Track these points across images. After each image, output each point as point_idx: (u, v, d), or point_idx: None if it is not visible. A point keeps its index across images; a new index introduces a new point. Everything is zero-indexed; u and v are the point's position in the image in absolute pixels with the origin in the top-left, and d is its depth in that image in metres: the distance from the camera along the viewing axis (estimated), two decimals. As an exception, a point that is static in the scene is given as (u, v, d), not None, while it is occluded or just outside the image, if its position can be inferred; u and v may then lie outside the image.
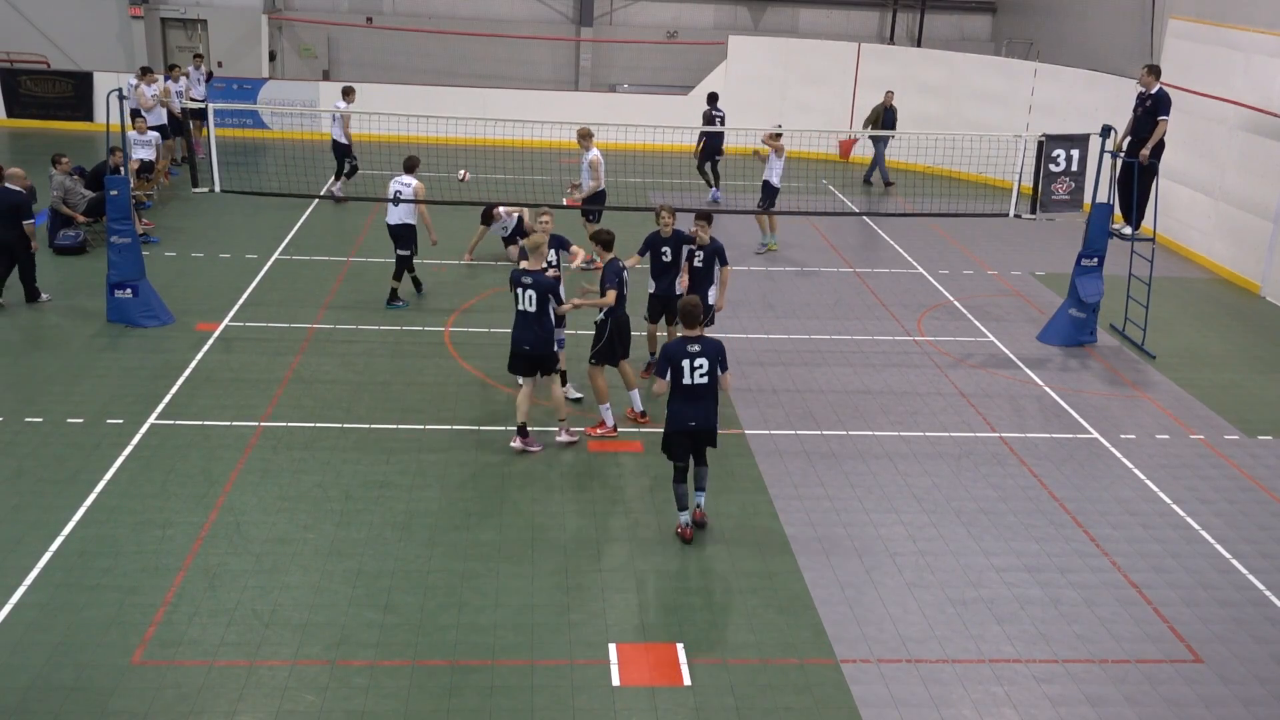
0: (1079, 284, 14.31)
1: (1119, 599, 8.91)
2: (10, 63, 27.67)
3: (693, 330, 9.10)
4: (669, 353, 9.06)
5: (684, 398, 9.08)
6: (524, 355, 10.61)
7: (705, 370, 9.04)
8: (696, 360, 9.01)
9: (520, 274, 10.50)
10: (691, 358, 9.00)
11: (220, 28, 29.86)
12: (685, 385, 9.05)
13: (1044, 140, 14.37)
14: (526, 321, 10.53)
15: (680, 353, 9.01)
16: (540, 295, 10.44)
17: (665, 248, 12.19)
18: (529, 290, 10.44)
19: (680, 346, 9.05)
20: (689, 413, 9.10)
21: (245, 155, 22.99)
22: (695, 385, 9.06)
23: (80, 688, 7.35)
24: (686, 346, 9.03)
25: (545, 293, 10.46)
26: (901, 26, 33.36)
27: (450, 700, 7.42)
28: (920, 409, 12.38)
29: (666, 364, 9.04)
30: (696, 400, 9.10)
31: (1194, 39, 18.97)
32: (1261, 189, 17.22)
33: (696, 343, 9.04)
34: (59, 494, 9.75)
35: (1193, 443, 11.87)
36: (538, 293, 10.43)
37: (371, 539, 9.29)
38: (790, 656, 8.01)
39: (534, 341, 10.54)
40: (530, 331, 10.51)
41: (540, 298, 10.44)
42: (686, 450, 9.29)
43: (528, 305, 10.47)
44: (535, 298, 10.43)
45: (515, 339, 10.64)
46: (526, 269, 10.53)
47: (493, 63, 31.57)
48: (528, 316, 10.51)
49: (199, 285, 15.48)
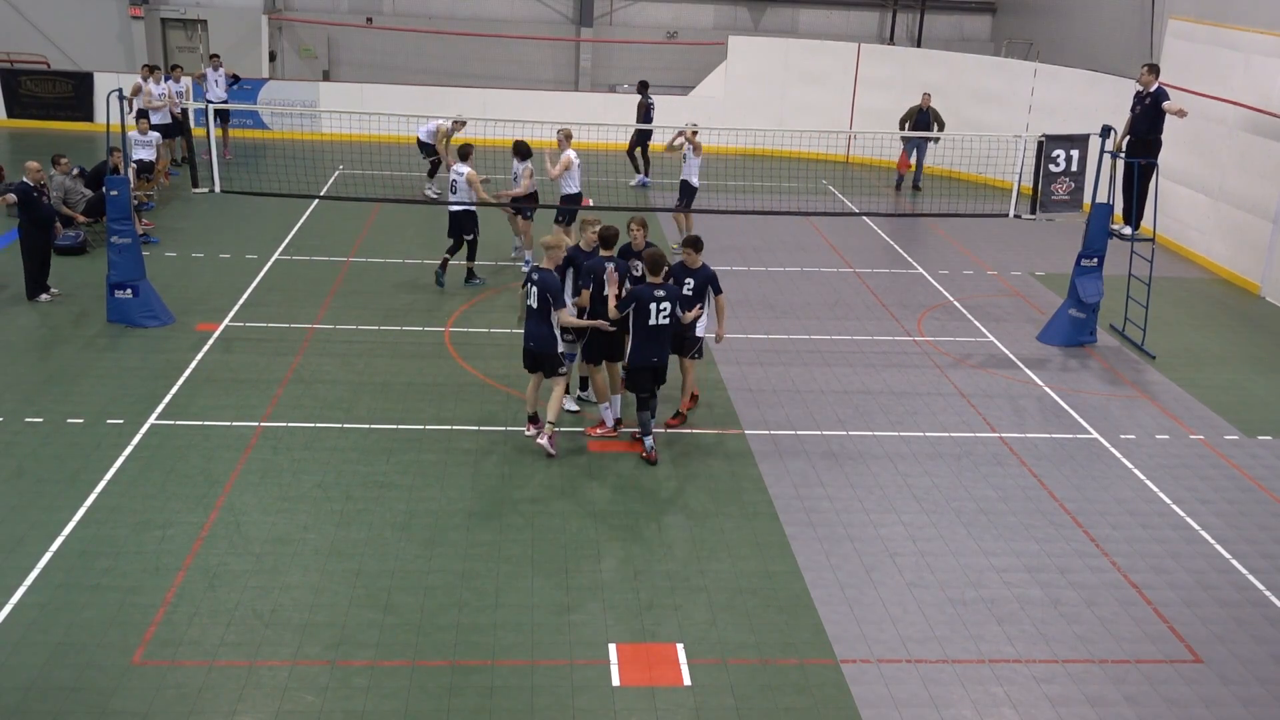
0: (1079, 284, 14.31)
1: (1119, 599, 8.91)
2: (10, 63, 27.67)
3: (657, 278, 10.37)
4: (637, 293, 10.34)
5: (647, 336, 10.41)
6: (529, 350, 10.82)
7: (668, 312, 10.42)
8: (661, 304, 10.35)
9: (532, 269, 10.84)
10: (657, 301, 10.34)
11: (220, 28, 29.86)
12: (650, 326, 10.37)
13: (1044, 140, 14.37)
14: (530, 316, 10.75)
15: (648, 295, 10.30)
16: (541, 293, 10.52)
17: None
18: (534, 287, 10.60)
19: (649, 290, 10.32)
20: (651, 349, 10.51)
21: (245, 155, 23.01)
22: (659, 325, 10.42)
23: (80, 688, 7.35)
24: (653, 290, 10.33)
25: (546, 292, 10.51)
26: (901, 26, 33.36)
27: (450, 700, 7.42)
28: (920, 409, 12.39)
29: (633, 302, 10.34)
30: (658, 339, 10.50)
31: (1193, 39, 18.97)
32: (1261, 189, 17.22)
33: (661, 288, 10.39)
34: (59, 494, 9.75)
35: (1192, 443, 11.88)
36: (539, 290, 10.53)
37: (371, 539, 9.29)
38: (790, 656, 8.02)
39: (537, 338, 10.69)
40: (533, 325, 10.69)
41: (540, 295, 10.52)
42: (649, 382, 10.67)
43: (532, 301, 10.66)
44: (537, 294, 10.56)
45: (524, 333, 10.86)
46: (538, 266, 10.81)
47: (493, 63, 31.58)
48: (531, 312, 10.71)
49: (199, 285, 15.48)
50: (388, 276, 16.25)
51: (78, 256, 16.42)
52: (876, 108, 26.10)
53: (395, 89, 26.71)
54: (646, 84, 24.06)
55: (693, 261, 11.18)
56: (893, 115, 25.53)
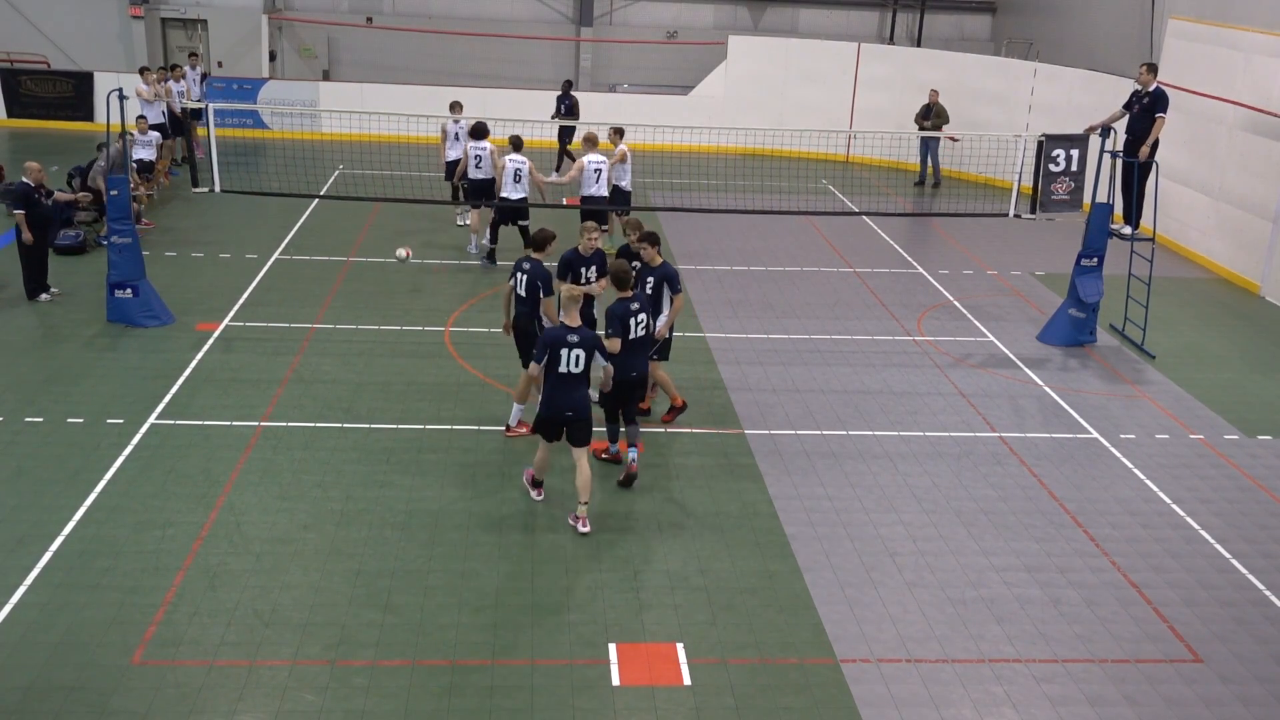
0: (1079, 284, 14.31)
1: (1119, 599, 8.91)
2: (10, 63, 27.67)
3: (627, 292, 10.13)
4: (617, 313, 10.05)
5: (627, 350, 10.10)
6: (566, 420, 9.50)
7: (644, 323, 10.25)
8: (637, 316, 10.15)
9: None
10: (634, 315, 10.13)
11: (220, 28, 29.86)
12: (629, 340, 10.11)
13: (1044, 140, 14.37)
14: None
15: (626, 313, 10.07)
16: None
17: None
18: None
19: (624, 307, 10.07)
20: (632, 364, 10.19)
21: (245, 155, 23.01)
22: (637, 339, 10.20)
23: (80, 688, 7.35)
24: (628, 305, 10.08)
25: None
26: (901, 26, 33.35)
27: (450, 700, 7.42)
28: (920, 409, 12.39)
29: (619, 323, 10.03)
30: (637, 351, 10.26)
31: (1194, 39, 18.97)
32: (1261, 189, 17.22)
33: (634, 301, 10.16)
34: (59, 494, 9.75)
35: (1192, 442, 11.88)
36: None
37: (371, 539, 9.29)
38: (790, 656, 8.02)
39: (577, 405, 9.49)
40: (575, 393, 9.48)
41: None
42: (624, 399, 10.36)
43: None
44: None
45: (554, 404, 9.50)
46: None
47: (493, 63, 31.57)
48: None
49: (199, 285, 15.48)
50: (388, 276, 16.25)
51: (78, 256, 16.43)
52: (876, 108, 26.12)
53: (395, 89, 26.70)
54: (570, 83, 24.50)
55: (652, 258, 11.13)
56: (893, 115, 25.60)
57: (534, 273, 10.81)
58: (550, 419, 9.49)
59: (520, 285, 10.87)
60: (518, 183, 16.13)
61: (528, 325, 10.99)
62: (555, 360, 9.31)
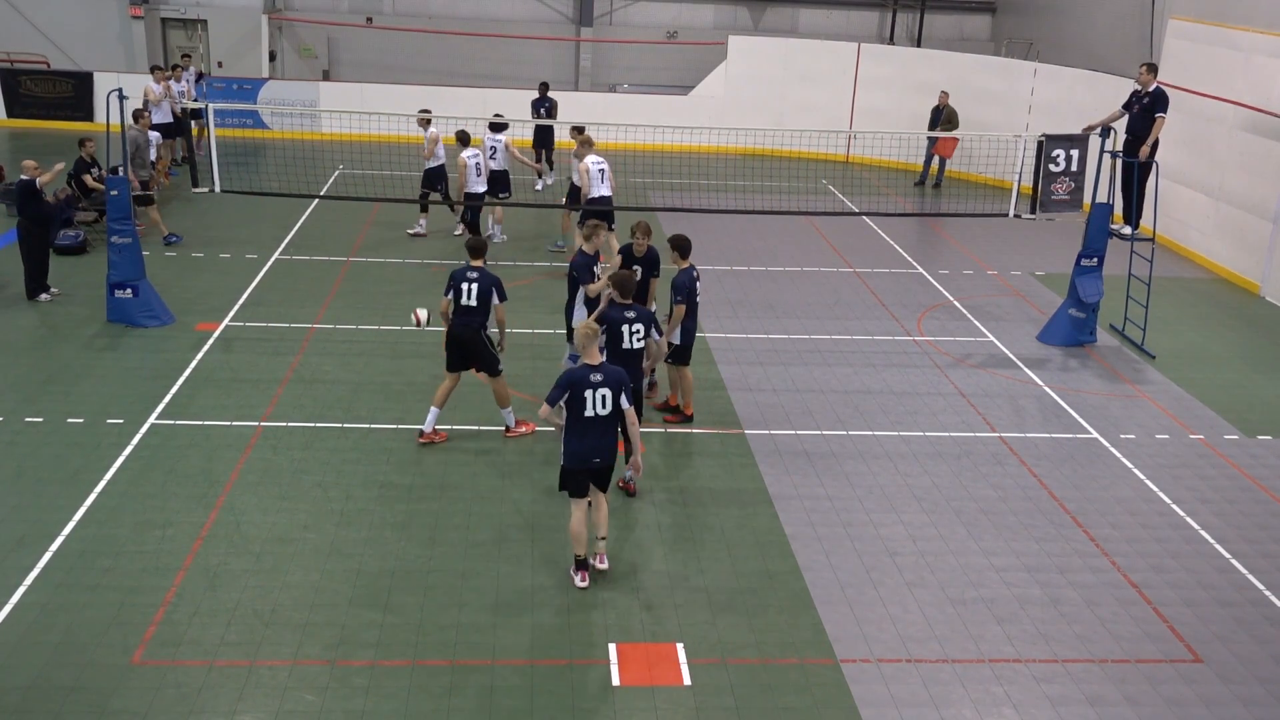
0: (1079, 284, 14.31)
1: (1119, 599, 8.91)
2: (10, 63, 27.66)
3: (627, 299, 9.97)
4: (608, 317, 9.96)
5: (620, 361, 9.75)
6: (594, 469, 8.68)
7: (641, 335, 10.10)
8: (634, 325, 10.03)
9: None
10: (629, 323, 10.00)
11: (220, 28, 29.86)
12: (623, 350, 10.00)
13: (1044, 140, 14.37)
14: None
15: (621, 319, 9.97)
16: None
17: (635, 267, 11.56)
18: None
19: (619, 313, 9.97)
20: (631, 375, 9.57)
21: (245, 155, 23.00)
22: (631, 350, 10.07)
23: (80, 688, 7.35)
24: (624, 313, 9.99)
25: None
26: (901, 26, 33.36)
27: (450, 700, 7.42)
28: (920, 409, 12.39)
29: (604, 325, 9.85)
30: (630, 363, 9.97)
31: (1194, 39, 18.97)
32: (1261, 189, 17.22)
33: (632, 309, 10.04)
34: (59, 494, 9.75)
35: (1192, 442, 11.88)
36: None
37: (371, 539, 9.29)
38: (790, 656, 8.02)
39: (605, 451, 8.68)
40: (605, 437, 8.63)
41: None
42: None
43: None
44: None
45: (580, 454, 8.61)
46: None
47: (493, 63, 31.57)
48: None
49: (199, 285, 15.48)
50: (388, 276, 16.25)
51: (78, 256, 16.42)
52: (876, 108, 26.11)
53: (395, 89, 26.67)
54: (547, 85, 23.90)
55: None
56: (892, 115, 25.60)
57: (484, 280, 10.62)
58: (577, 471, 8.56)
59: (468, 295, 10.60)
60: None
61: (475, 336, 10.71)
62: (578, 404, 8.38)
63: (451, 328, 10.79)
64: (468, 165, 16.83)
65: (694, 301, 11.34)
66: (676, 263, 11.31)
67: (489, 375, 11.01)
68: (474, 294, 10.62)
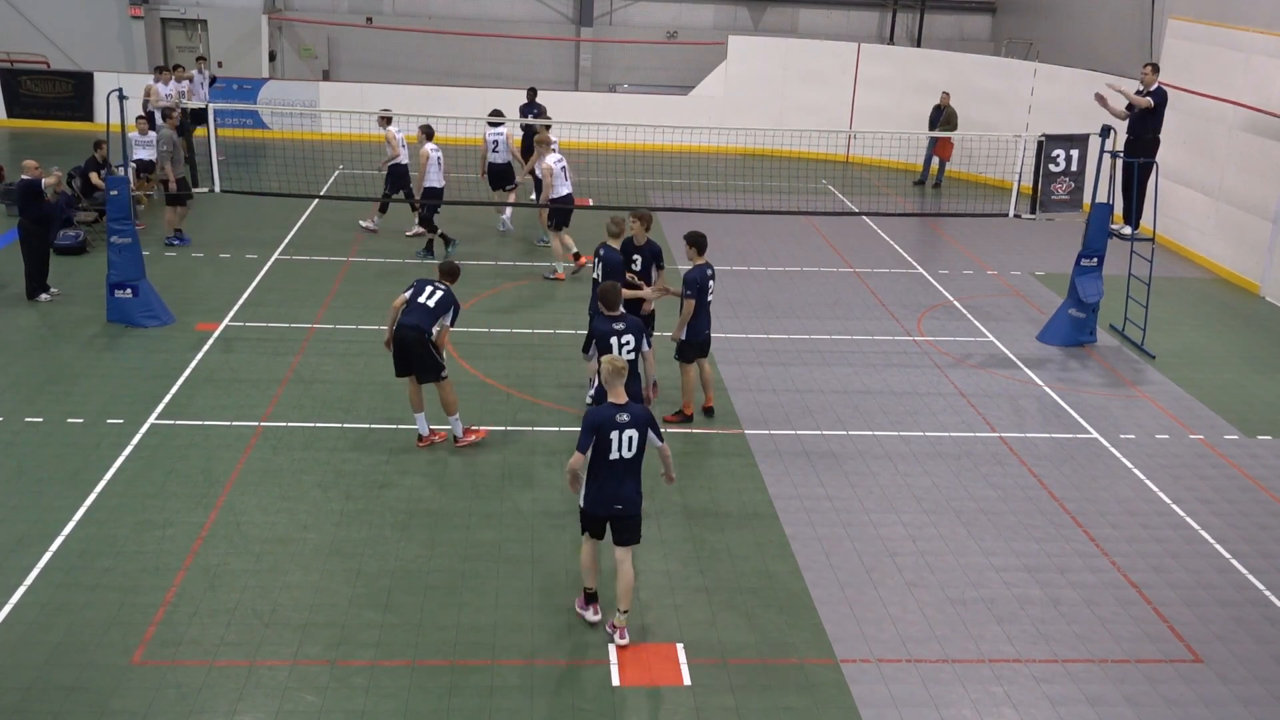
0: (1079, 284, 14.31)
1: (1119, 599, 8.91)
2: (10, 63, 27.66)
3: (614, 311, 9.72)
4: (596, 331, 9.72)
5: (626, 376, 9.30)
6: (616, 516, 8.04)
7: (631, 347, 9.77)
8: (623, 337, 9.72)
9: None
10: (618, 335, 9.70)
11: (220, 28, 29.85)
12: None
13: (1044, 140, 14.37)
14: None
15: (609, 331, 9.67)
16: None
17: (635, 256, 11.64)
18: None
19: (606, 324, 9.71)
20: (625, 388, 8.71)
21: (245, 155, 23.00)
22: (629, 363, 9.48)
23: (80, 688, 7.35)
24: (611, 325, 9.70)
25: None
26: (901, 26, 33.36)
27: (450, 700, 7.42)
28: (920, 409, 12.39)
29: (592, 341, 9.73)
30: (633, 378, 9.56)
31: (1194, 39, 18.97)
32: (1261, 189, 17.22)
33: (620, 320, 9.77)
34: (59, 494, 9.75)
35: (1192, 442, 11.88)
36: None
37: (371, 539, 9.29)
38: (790, 656, 8.02)
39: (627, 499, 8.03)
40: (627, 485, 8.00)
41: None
42: None
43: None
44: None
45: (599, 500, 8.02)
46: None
47: (493, 63, 31.56)
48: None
49: (199, 285, 15.48)
50: (388, 276, 16.24)
51: (78, 256, 16.42)
52: (876, 108, 26.11)
53: (395, 89, 26.67)
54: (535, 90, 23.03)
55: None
56: (892, 115, 25.60)
57: (449, 296, 10.59)
58: (597, 516, 8.00)
59: (429, 296, 10.53)
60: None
61: (417, 339, 10.47)
62: (604, 446, 7.77)
63: (397, 330, 10.53)
64: (429, 159, 16.87)
65: (705, 299, 11.33)
66: (693, 259, 11.34)
67: (432, 381, 10.69)
68: (436, 299, 10.49)
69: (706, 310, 11.44)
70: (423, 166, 16.94)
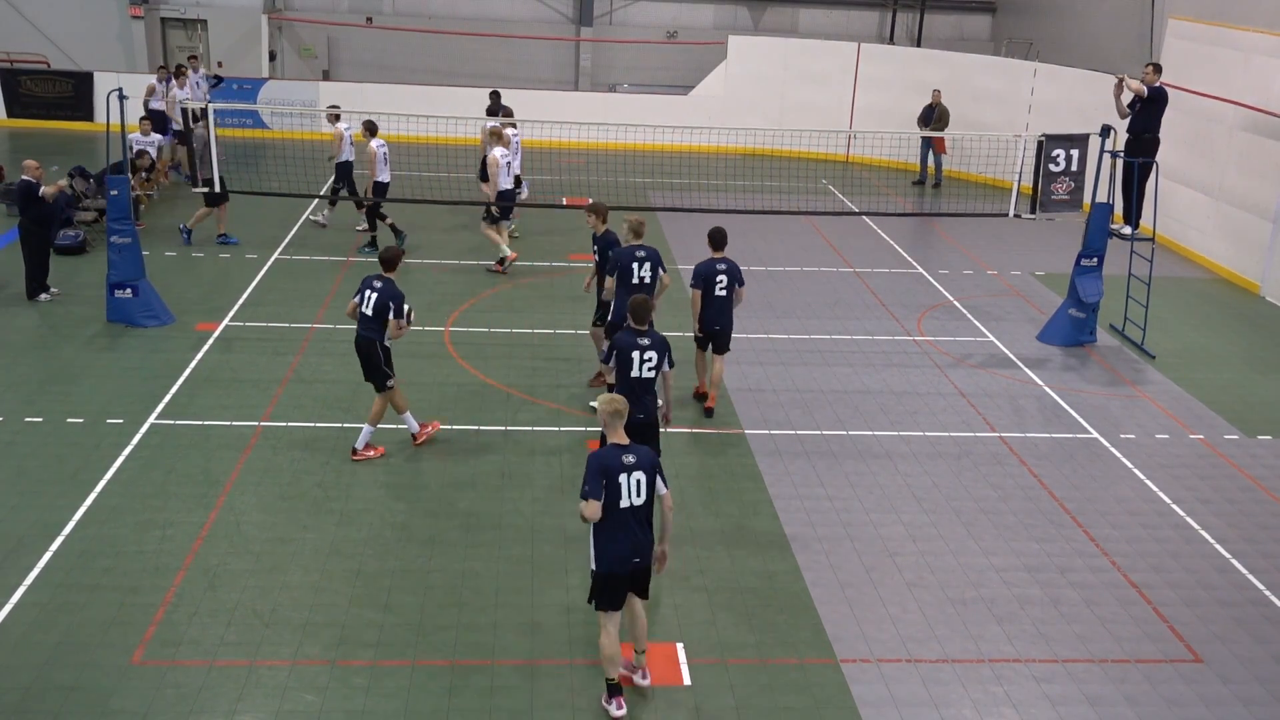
0: (1079, 284, 14.31)
1: (1119, 599, 8.91)
2: (10, 63, 27.67)
3: (642, 325, 9.05)
4: (619, 342, 9.11)
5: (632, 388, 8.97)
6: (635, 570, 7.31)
7: (653, 364, 9.09)
8: (646, 353, 9.05)
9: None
10: (641, 350, 9.04)
11: (220, 28, 29.87)
12: (634, 379, 9.09)
13: (1044, 140, 14.37)
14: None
15: (633, 345, 9.02)
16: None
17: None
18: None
19: (630, 338, 9.05)
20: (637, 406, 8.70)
21: (245, 155, 23.00)
22: (641, 379, 9.13)
23: (80, 688, 7.35)
24: (636, 339, 9.05)
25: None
26: (901, 26, 33.37)
27: (450, 700, 7.42)
28: (920, 409, 12.39)
29: (614, 352, 9.13)
30: (644, 394, 9.10)
31: (1194, 39, 18.97)
32: (1261, 189, 17.22)
33: (646, 336, 9.06)
34: (59, 494, 9.75)
35: (1192, 442, 11.88)
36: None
37: (371, 539, 9.29)
38: (790, 656, 8.02)
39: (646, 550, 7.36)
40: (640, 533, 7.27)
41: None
42: None
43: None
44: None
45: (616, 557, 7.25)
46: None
47: (493, 63, 31.57)
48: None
49: (199, 285, 15.48)
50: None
51: (78, 256, 16.42)
52: (876, 108, 26.11)
53: (395, 89, 26.69)
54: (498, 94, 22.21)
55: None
56: (893, 115, 25.58)
57: (385, 292, 10.26)
58: (614, 576, 7.16)
59: (367, 304, 10.30)
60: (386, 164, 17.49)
61: (369, 349, 10.37)
62: (613, 493, 7.03)
63: (355, 339, 10.51)
64: (376, 154, 16.96)
65: (711, 290, 11.49)
66: (711, 253, 11.61)
67: (378, 390, 10.54)
68: (371, 304, 10.30)
69: (715, 303, 11.55)
70: (371, 162, 17.01)
